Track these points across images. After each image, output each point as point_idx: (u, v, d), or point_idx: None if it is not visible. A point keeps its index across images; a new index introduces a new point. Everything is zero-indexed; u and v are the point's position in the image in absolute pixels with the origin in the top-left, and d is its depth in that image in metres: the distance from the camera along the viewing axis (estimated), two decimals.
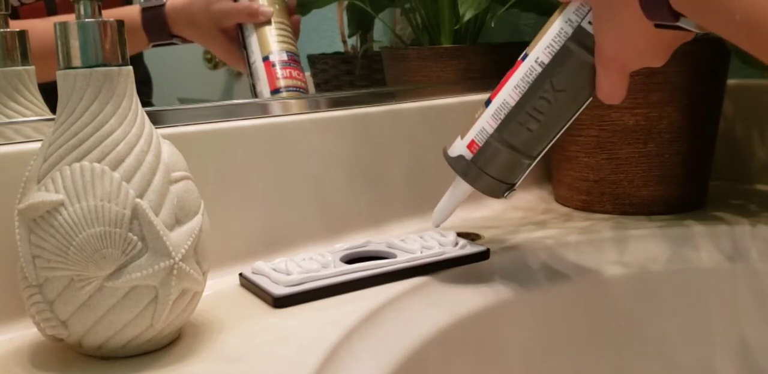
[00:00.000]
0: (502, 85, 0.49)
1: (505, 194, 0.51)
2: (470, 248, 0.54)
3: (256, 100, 0.69)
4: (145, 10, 0.67)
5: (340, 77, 0.85)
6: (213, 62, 0.81)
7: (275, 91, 0.68)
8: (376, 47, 0.86)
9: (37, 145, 0.40)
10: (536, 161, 0.50)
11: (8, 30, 0.53)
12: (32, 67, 0.54)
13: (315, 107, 0.62)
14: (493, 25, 0.68)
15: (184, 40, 0.70)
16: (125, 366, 0.38)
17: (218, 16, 0.69)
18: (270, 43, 0.69)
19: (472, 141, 0.50)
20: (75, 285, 0.36)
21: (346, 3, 0.84)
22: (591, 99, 0.48)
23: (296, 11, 0.74)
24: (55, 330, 0.37)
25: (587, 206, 0.67)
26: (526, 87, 0.47)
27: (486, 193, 0.51)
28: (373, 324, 0.45)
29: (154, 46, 0.69)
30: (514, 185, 0.51)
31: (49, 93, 0.42)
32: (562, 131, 0.49)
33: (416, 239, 0.55)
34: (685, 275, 0.58)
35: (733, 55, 0.63)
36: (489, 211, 0.69)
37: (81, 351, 0.39)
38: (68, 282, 0.36)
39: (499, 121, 0.49)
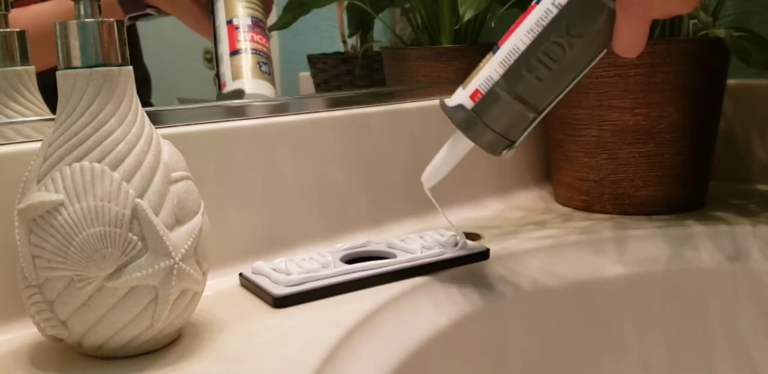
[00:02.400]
0: (513, 31, 0.46)
1: (504, 152, 0.47)
2: (470, 248, 0.54)
3: (256, 100, 0.69)
4: None
5: (340, 77, 0.85)
6: (213, 62, 0.81)
7: (234, 52, 0.67)
8: (376, 47, 0.86)
9: (37, 145, 0.40)
10: (540, 117, 0.47)
11: (8, 30, 0.53)
12: (32, 67, 0.54)
13: (315, 107, 0.62)
14: (493, 25, 0.68)
15: (159, 11, 0.70)
16: (125, 366, 0.38)
17: None
18: (236, 7, 0.68)
19: (476, 90, 0.46)
20: (75, 285, 0.36)
21: (346, 3, 0.84)
22: (605, 51, 0.46)
23: None
24: (55, 330, 0.37)
25: (587, 206, 0.67)
26: (540, 31, 0.44)
27: (484, 147, 0.47)
28: (373, 324, 0.45)
29: (130, 18, 0.69)
30: (514, 142, 0.47)
31: (49, 93, 0.42)
32: (571, 85, 0.46)
33: (416, 239, 0.55)
34: (685, 275, 0.58)
35: (733, 55, 0.63)
36: (489, 211, 0.69)
37: (81, 351, 0.39)
38: (68, 281, 0.36)
39: (507, 67, 0.45)
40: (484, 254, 0.54)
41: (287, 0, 0.78)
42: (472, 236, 0.59)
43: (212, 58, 0.75)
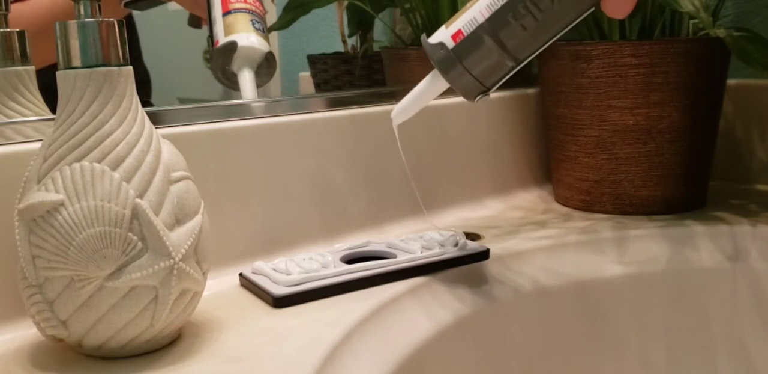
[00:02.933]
0: None
1: (477, 98, 0.47)
2: (470, 248, 0.54)
3: (256, 100, 0.69)
4: None
5: (340, 77, 0.85)
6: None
7: (227, 12, 0.67)
8: (376, 47, 0.86)
9: (37, 145, 0.40)
10: (517, 68, 0.47)
11: (8, 30, 0.53)
12: (32, 67, 0.54)
13: (315, 107, 0.62)
14: None
15: None
16: (125, 366, 0.38)
17: None
18: None
19: (459, 31, 0.45)
20: (75, 285, 0.36)
21: (346, 3, 0.84)
22: (593, 8, 0.45)
23: None
24: (55, 330, 0.37)
25: (587, 206, 0.67)
26: None
27: (460, 90, 0.47)
28: (373, 324, 0.45)
29: (126, 5, 0.69)
30: (489, 89, 0.47)
31: (49, 93, 0.42)
32: (553, 39, 0.46)
33: (416, 239, 0.55)
34: (685, 275, 0.58)
35: (733, 55, 0.63)
36: (489, 211, 0.69)
37: (81, 351, 0.39)
38: (68, 281, 0.36)
39: (493, 11, 0.44)
40: (484, 254, 0.54)
41: (287, 0, 0.78)
42: (472, 236, 0.59)
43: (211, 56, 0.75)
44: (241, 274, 0.50)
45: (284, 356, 0.40)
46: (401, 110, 0.50)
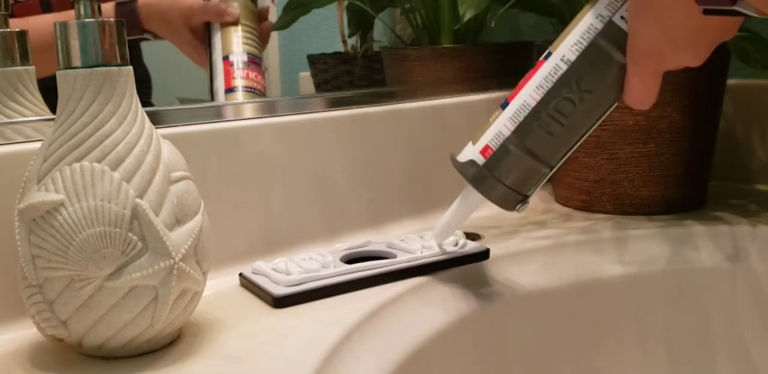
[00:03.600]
0: (522, 86, 0.46)
1: (518, 207, 0.47)
2: (470, 248, 0.54)
3: (256, 100, 0.69)
4: (119, 5, 0.68)
5: (340, 77, 0.85)
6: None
7: (230, 90, 0.69)
8: (376, 47, 0.86)
9: (37, 145, 0.40)
10: (553, 171, 0.47)
11: (8, 30, 0.53)
12: (32, 67, 0.54)
13: (315, 107, 0.62)
14: (493, 25, 0.68)
15: (155, 36, 0.71)
16: (125, 366, 0.38)
17: (188, 14, 0.71)
18: (233, 43, 0.70)
19: (487, 146, 0.46)
20: (75, 285, 0.36)
21: (346, 3, 0.84)
22: (616, 104, 0.46)
23: (267, 18, 0.75)
24: (55, 330, 0.37)
25: (587, 206, 0.67)
26: (550, 86, 0.44)
27: (497, 203, 0.47)
28: (373, 324, 0.45)
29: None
30: (527, 197, 0.47)
31: (49, 93, 0.42)
32: (584, 138, 0.46)
33: (416, 239, 0.55)
34: (685, 275, 0.58)
35: (733, 55, 0.63)
36: (489, 211, 0.69)
37: (81, 351, 0.40)
38: (68, 282, 0.36)
39: (518, 123, 0.45)
40: (484, 254, 0.54)
41: (287, 0, 0.78)
42: (472, 236, 0.59)
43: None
44: (241, 274, 0.50)
45: (284, 356, 0.40)
46: (442, 230, 0.50)
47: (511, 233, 0.61)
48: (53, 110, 0.39)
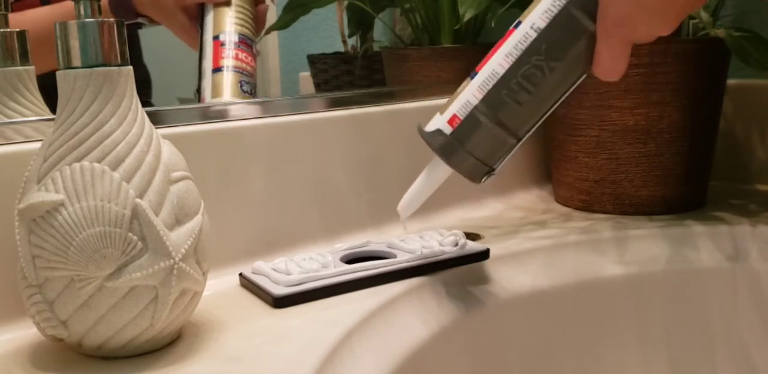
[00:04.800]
0: (491, 56, 0.45)
1: (483, 179, 0.46)
2: (470, 248, 0.54)
3: (256, 100, 0.69)
4: None
5: (340, 77, 0.85)
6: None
7: (217, 69, 0.67)
8: (376, 47, 0.86)
9: (37, 145, 0.40)
10: (520, 144, 0.46)
11: (8, 30, 0.53)
12: (32, 67, 0.54)
13: (315, 107, 0.62)
14: (493, 25, 0.68)
15: (151, 21, 0.70)
16: (125, 366, 0.38)
17: None
18: (225, 23, 0.68)
19: (454, 115, 0.45)
20: (75, 285, 0.36)
21: (346, 3, 0.84)
22: (585, 76, 0.45)
23: (264, 1, 0.73)
24: (55, 330, 0.37)
25: (587, 206, 0.67)
26: (519, 54, 0.43)
27: (463, 173, 0.46)
28: (373, 324, 0.45)
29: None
30: (494, 169, 0.46)
31: (49, 93, 0.42)
32: (552, 109, 0.46)
33: (416, 239, 0.55)
34: (685, 275, 0.58)
35: (733, 55, 0.63)
36: (489, 211, 0.69)
37: (81, 351, 0.40)
38: (68, 282, 0.36)
39: (486, 92, 0.44)
40: (484, 254, 0.54)
41: (287, 0, 0.78)
42: (472, 236, 0.59)
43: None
44: (241, 274, 0.50)
45: (284, 356, 0.40)
46: (408, 203, 0.49)
47: (511, 233, 0.61)
48: (53, 110, 0.39)
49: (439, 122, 0.46)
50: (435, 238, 0.55)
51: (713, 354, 0.59)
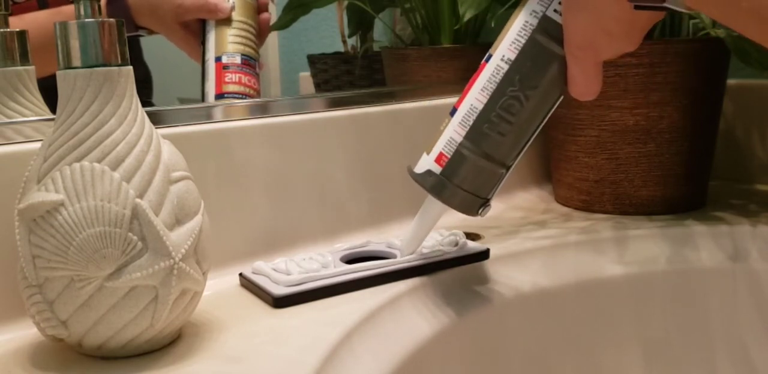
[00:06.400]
0: (467, 92, 0.46)
1: (480, 211, 0.47)
2: (470, 248, 0.54)
3: (256, 100, 0.69)
4: (110, 3, 0.67)
5: (340, 77, 0.85)
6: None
7: (220, 95, 0.67)
8: (376, 47, 0.86)
9: (37, 145, 0.40)
10: (510, 171, 0.47)
11: (8, 30, 0.53)
12: (32, 67, 0.54)
13: (315, 107, 0.62)
14: (493, 25, 0.68)
15: (150, 32, 0.70)
16: (125, 366, 0.38)
17: (179, 10, 0.69)
18: (226, 43, 0.68)
19: (440, 153, 0.46)
20: (75, 285, 0.36)
21: (346, 3, 0.84)
22: (562, 98, 0.46)
23: (267, 9, 0.72)
24: (55, 330, 0.37)
25: (587, 206, 0.67)
26: (494, 88, 0.44)
27: (459, 209, 0.47)
28: (373, 324, 0.45)
29: None
30: (488, 200, 0.47)
31: (49, 93, 0.42)
32: (535, 134, 0.46)
33: None
34: (685, 275, 0.58)
35: (733, 55, 0.63)
36: (489, 211, 0.69)
37: (81, 351, 0.39)
38: (68, 281, 0.36)
39: (468, 127, 0.45)
40: (484, 254, 0.54)
41: (287, 0, 0.78)
42: (472, 236, 0.59)
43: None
44: (241, 274, 0.50)
45: (284, 356, 0.40)
46: (408, 242, 0.50)
47: (511, 233, 0.61)
48: (53, 110, 0.39)
49: (428, 163, 0.47)
50: (435, 238, 0.55)
51: (713, 354, 0.59)
